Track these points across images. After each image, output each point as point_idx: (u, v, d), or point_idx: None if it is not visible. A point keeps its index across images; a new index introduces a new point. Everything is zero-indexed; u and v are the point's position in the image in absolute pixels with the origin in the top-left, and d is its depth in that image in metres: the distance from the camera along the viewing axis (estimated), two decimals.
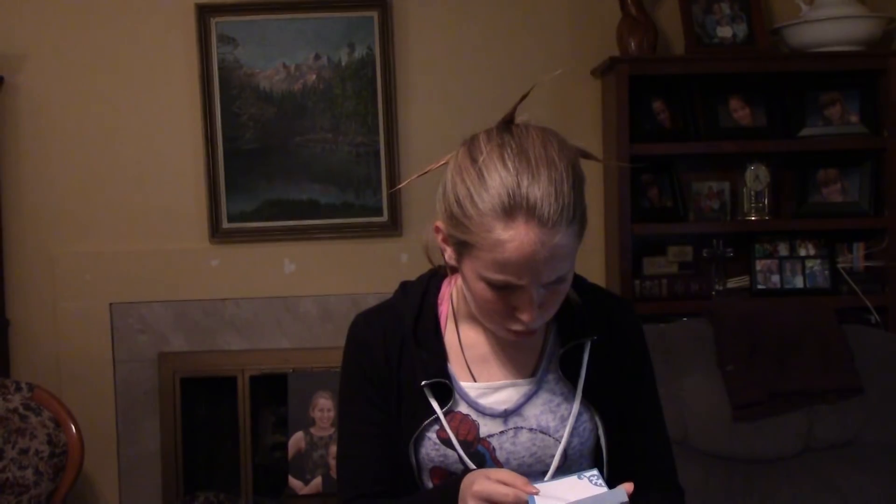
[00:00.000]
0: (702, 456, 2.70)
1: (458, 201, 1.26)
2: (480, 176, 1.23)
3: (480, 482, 1.25)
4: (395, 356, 1.40)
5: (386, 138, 3.31)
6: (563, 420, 1.39)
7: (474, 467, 1.36)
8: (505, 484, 1.23)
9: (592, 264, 3.31)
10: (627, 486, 1.22)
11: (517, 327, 1.30)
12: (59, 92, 3.31)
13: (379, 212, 3.34)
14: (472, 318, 1.41)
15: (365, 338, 1.42)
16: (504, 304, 1.27)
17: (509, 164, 1.22)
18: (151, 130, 3.34)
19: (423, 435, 1.39)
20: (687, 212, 3.36)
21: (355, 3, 3.29)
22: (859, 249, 3.29)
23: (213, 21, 3.27)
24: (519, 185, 1.21)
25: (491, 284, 1.26)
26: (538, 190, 1.20)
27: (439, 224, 1.33)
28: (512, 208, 1.20)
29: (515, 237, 1.20)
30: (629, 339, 1.46)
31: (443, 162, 1.34)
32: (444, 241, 1.33)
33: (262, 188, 3.33)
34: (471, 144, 1.29)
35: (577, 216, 1.23)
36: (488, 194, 1.22)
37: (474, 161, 1.25)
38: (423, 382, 1.37)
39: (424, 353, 1.39)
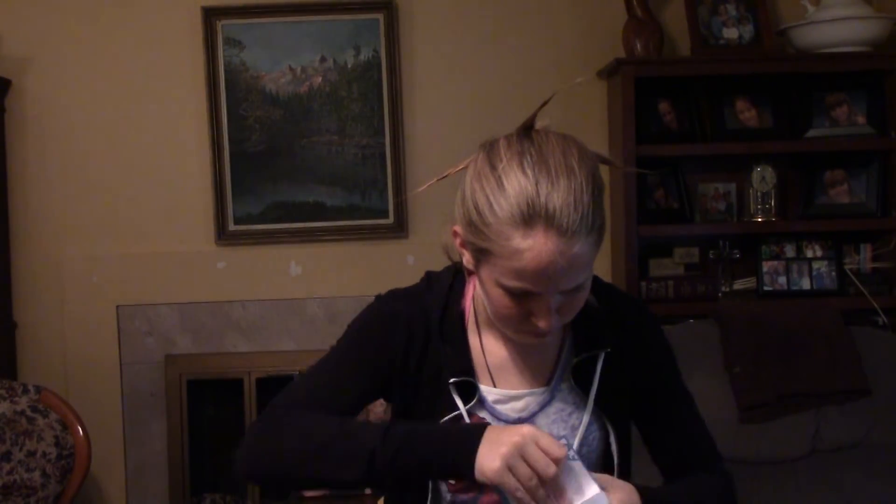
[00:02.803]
0: None
1: (476, 208, 1.25)
2: (500, 183, 1.22)
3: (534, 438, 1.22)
4: (419, 344, 1.38)
5: (392, 140, 3.31)
6: (574, 429, 1.39)
7: None
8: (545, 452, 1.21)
9: (598, 266, 3.25)
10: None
11: (534, 330, 1.30)
12: (65, 95, 3.32)
13: (385, 214, 3.35)
14: (492, 325, 1.40)
15: (394, 313, 1.40)
16: (521, 310, 1.27)
17: (529, 172, 1.21)
18: (158, 133, 3.34)
19: None
20: (693, 213, 3.35)
21: (361, 6, 3.30)
22: (866, 251, 3.29)
23: (220, 24, 3.28)
24: (538, 194, 1.20)
25: (508, 291, 1.25)
26: (557, 199, 1.19)
27: (457, 228, 1.32)
28: (531, 217, 1.20)
29: (534, 246, 1.20)
30: (646, 343, 1.46)
31: (462, 166, 1.34)
32: (462, 245, 1.33)
33: (268, 190, 3.33)
34: (490, 150, 1.28)
35: (595, 225, 1.23)
36: (507, 202, 1.21)
37: (493, 168, 1.24)
38: (451, 380, 1.36)
39: (450, 350, 1.38)
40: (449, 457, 1.24)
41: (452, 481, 1.39)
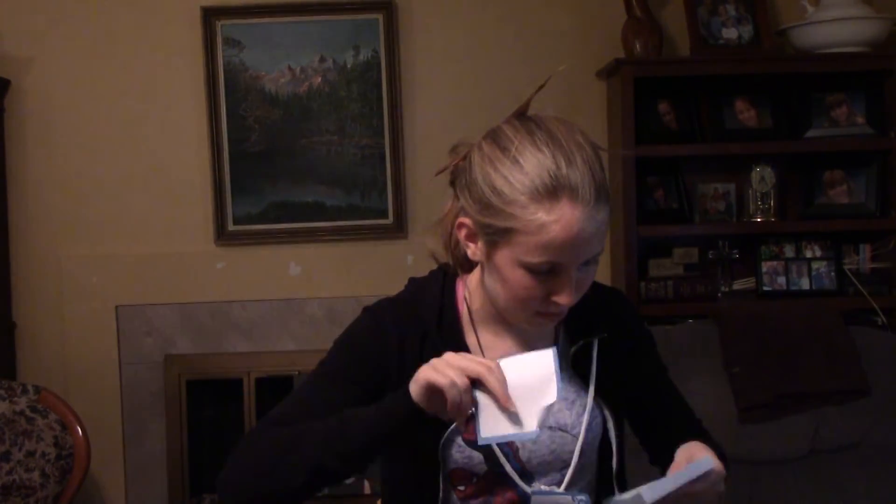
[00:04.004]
0: None
1: (494, 190, 1.26)
2: (515, 162, 1.25)
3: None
4: (415, 351, 1.38)
5: (391, 140, 3.31)
6: (579, 416, 1.41)
7: (503, 467, 1.36)
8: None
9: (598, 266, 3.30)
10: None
11: (552, 310, 1.31)
12: (65, 95, 3.32)
13: (384, 214, 3.34)
14: (489, 321, 1.41)
15: (386, 322, 1.40)
16: (542, 288, 1.28)
17: (544, 149, 1.25)
18: (157, 133, 3.34)
19: (450, 437, 1.37)
20: (692, 213, 3.35)
21: (360, 6, 3.30)
22: (866, 251, 3.29)
23: (219, 24, 3.28)
24: (558, 167, 1.23)
25: (531, 270, 1.27)
26: (577, 170, 1.24)
27: (465, 220, 1.33)
28: (555, 189, 1.23)
29: (561, 217, 1.23)
30: (631, 327, 1.50)
31: (461, 157, 1.34)
32: (470, 237, 1.34)
33: (267, 190, 3.33)
34: (495, 136, 1.30)
35: (609, 193, 1.28)
36: (528, 178, 1.24)
37: (505, 150, 1.27)
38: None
39: (451, 350, 1.36)
40: (385, 406, 1.25)
41: (462, 487, 1.39)
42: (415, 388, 1.21)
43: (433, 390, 1.19)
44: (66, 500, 2.69)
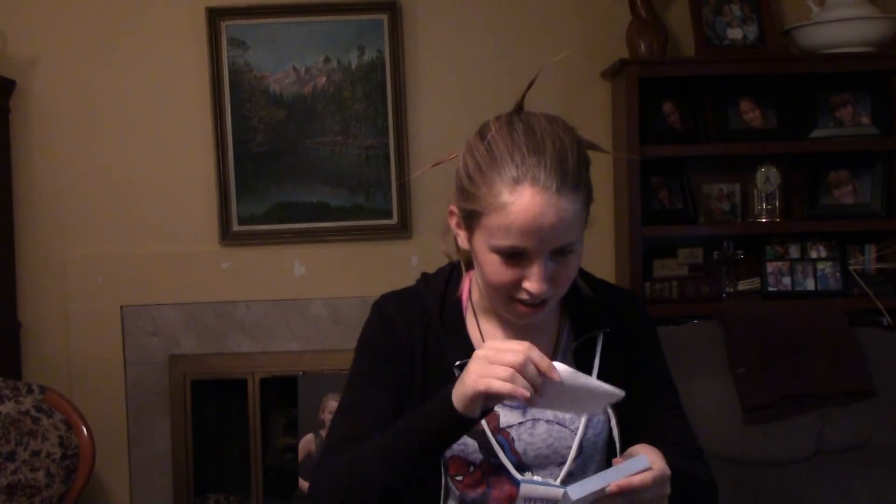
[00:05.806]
0: (712, 459, 2.66)
1: (467, 175, 1.33)
2: (489, 150, 1.31)
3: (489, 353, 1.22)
4: (419, 338, 1.42)
5: (396, 140, 3.31)
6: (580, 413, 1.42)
7: (498, 458, 1.37)
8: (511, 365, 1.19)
9: (602, 266, 3.30)
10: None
11: (524, 297, 1.32)
12: (70, 96, 3.33)
13: (389, 214, 3.35)
14: (490, 312, 1.45)
15: (392, 315, 1.44)
16: (513, 274, 1.31)
17: (516, 137, 1.30)
18: (162, 133, 3.35)
19: None
20: (697, 214, 3.35)
21: (365, 7, 3.30)
22: (871, 251, 3.28)
23: (224, 24, 3.28)
24: (524, 155, 1.28)
25: (500, 253, 1.30)
26: (543, 159, 1.27)
27: (452, 207, 1.38)
28: (519, 177, 1.27)
29: (520, 200, 1.26)
30: (640, 328, 1.50)
31: (454, 155, 1.40)
32: (458, 225, 1.38)
33: (272, 191, 3.34)
34: (481, 129, 1.37)
35: (581, 184, 1.29)
36: (496, 164, 1.29)
37: (483, 138, 1.33)
38: (457, 363, 1.39)
39: (452, 338, 1.42)
40: (432, 421, 1.26)
41: (460, 477, 1.40)
42: (463, 400, 1.21)
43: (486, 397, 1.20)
44: (70, 500, 2.69)
